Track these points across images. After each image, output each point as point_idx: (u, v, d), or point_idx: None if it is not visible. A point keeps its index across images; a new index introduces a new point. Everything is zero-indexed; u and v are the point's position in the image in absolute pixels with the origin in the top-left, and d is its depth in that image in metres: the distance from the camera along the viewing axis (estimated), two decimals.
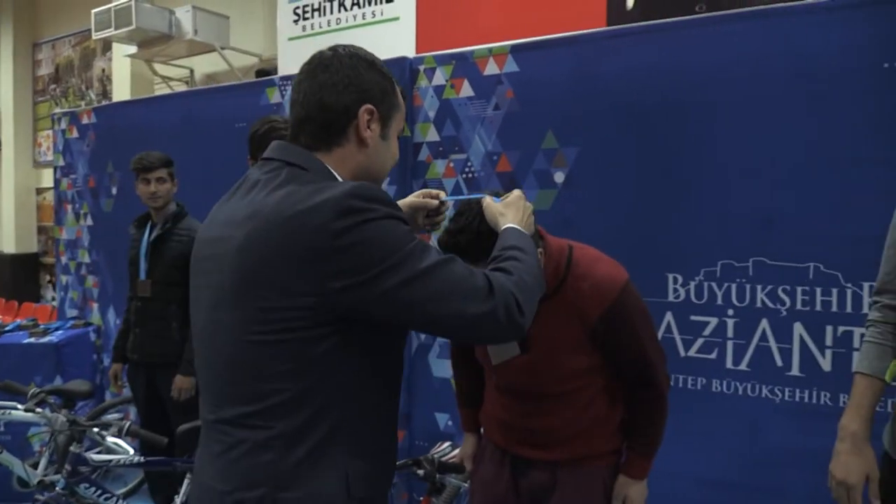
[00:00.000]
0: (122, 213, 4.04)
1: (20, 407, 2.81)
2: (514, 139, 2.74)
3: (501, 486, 1.73)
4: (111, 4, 5.59)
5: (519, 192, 1.44)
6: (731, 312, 2.32)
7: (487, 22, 4.00)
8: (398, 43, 4.30)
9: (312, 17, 4.90)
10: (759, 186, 2.25)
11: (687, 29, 2.41)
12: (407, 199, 1.51)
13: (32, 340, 4.02)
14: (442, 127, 2.91)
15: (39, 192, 8.01)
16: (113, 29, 5.54)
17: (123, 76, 6.64)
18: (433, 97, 2.92)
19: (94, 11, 5.71)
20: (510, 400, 1.70)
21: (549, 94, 2.64)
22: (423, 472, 2.09)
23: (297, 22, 4.97)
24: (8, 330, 4.28)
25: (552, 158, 2.65)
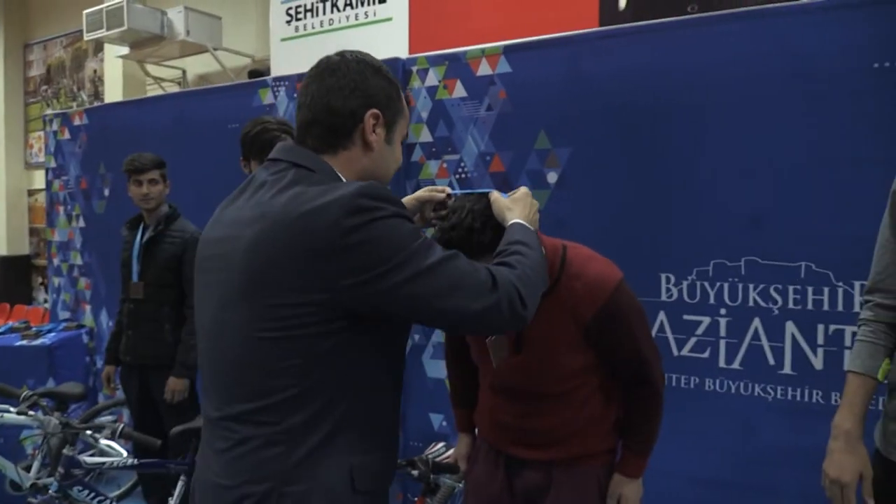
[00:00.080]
0: (114, 214, 4.02)
1: (12, 410, 2.80)
2: (506, 140, 2.74)
3: (496, 486, 1.73)
4: (103, 5, 5.58)
5: (526, 189, 1.49)
6: (723, 312, 2.33)
7: (480, 23, 4.00)
8: (391, 44, 4.31)
9: (305, 17, 4.90)
10: (751, 186, 2.26)
11: (680, 29, 2.41)
12: (416, 193, 1.56)
13: (24, 343, 4.00)
14: (435, 128, 2.91)
15: (31, 193, 7.98)
16: (105, 30, 5.53)
17: (115, 77, 6.62)
18: (426, 98, 2.92)
19: (85, 12, 5.69)
20: (504, 400, 1.70)
21: (541, 94, 2.64)
22: (417, 472, 2.10)
23: (289, 23, 4.96)
24: (0, 332, 4.26)
25: (545, 159, 2.65)
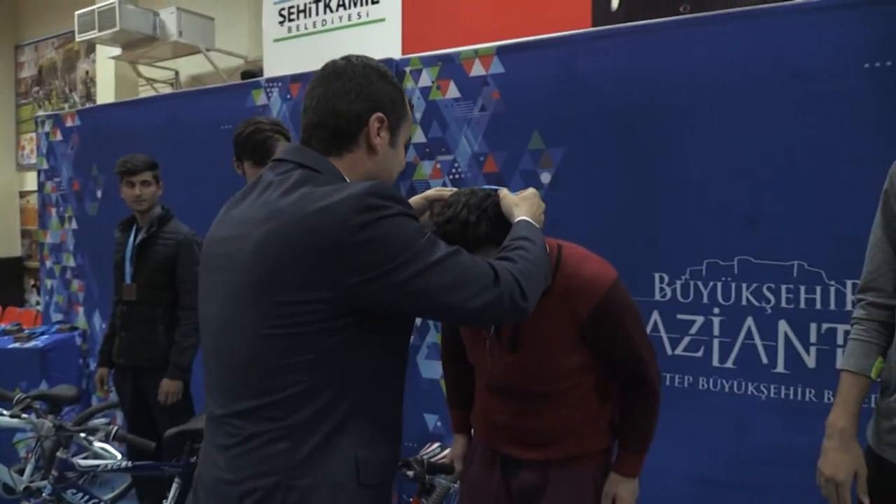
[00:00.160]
0: (107, 216, 4.01)
1: (5, 413, 2.78)
2: (500, 140, 2.74)
3: (492, 486, 1.74)
4: (95, 6, 5.56)
5: (534, 189, 1.52)
6: (716, 311, 2.34)
7: (473, 23, 4.01)
8: (384, 44, 4.31)
9: (298, 18, 4.89)
10: (743, 186, 2.27)
11: (672, 30, 2.42)
12: (425, 192, 1.59)
13: (17, 345, 3.98)
14: (428, 128, 2.92)
15: (23, 195, 7.95)
16: (97, 31, 5.51)
17: (107, 78, 6.60)
18: (419, 98, 2.92)
19: (77, 13, 5.67)
20: (500, 400, 1.70)
21: (535, 95, 2.65)
22: (412, 473, 2.10)
23: (282, 23, 4.95)
24: None
25: (538, 159, 2.66)
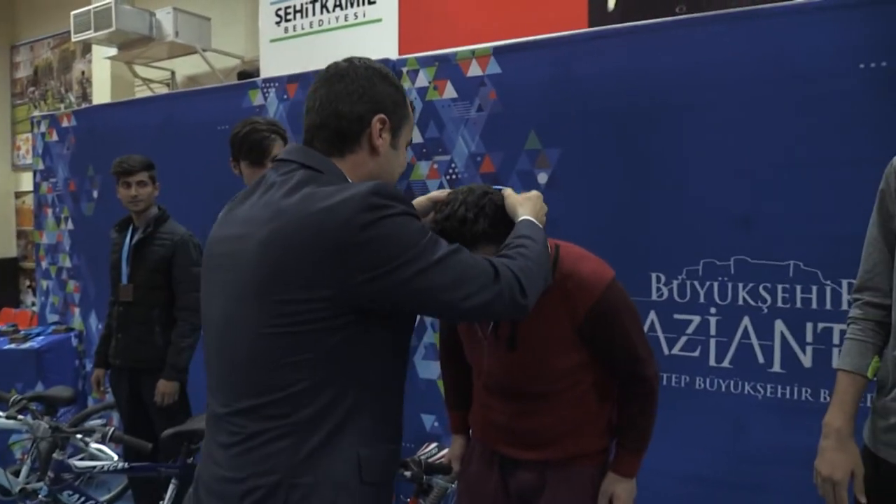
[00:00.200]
0: (103, 216, 4.00)
1: (1, 414, 2.78)
2: (497, 140, 2.75)
3: (490, 486, 1.74)
4: (91, 6, 5.54)
5: (538, 192, 1.53)
6: (713, 311, 2.34)
7: (470, 24, 4.01)
8: (381, 45, 4.30)
9: (294, 18, 4.88)
10: (739, 186, 2.28)
11: (669, 30, 2.42)
12: (430, 193, 1.62)
13: (13, 346, 3.97)
14: (425, 128, 2.92)
15: (18, 195, 7.91)
16: (93, 31, 5.49)
17: (103, 78, 6.57)
18: (416, 99, 2.92)
19: (73, 13, 5.65)
20: (499, 400, 1.70)
21: (531, 95, 2.65)
22: (410, 473, 2.10)
23: (279, 23, 4.95)
24: None
25: (535, 159, 2.66)
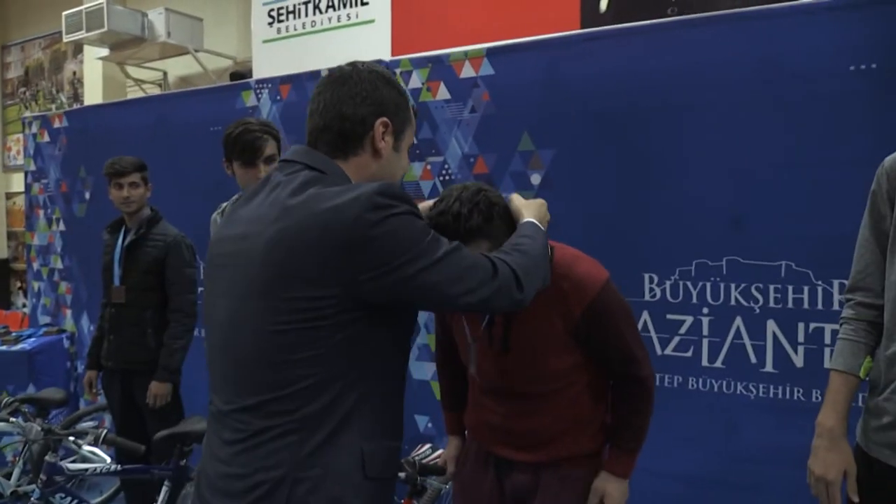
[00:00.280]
0: (95, 218, 3.98)
1: None
2: (490, 141, 2.75)
3: (485, 487, 1.74)
4: (82, 6, 5.52)
5: (543, 200, 1.56)
6: (706, 311, 2.35)
7: (463, 25, 4.01)
8: (373, 46, 4.30)
9: (287, 19, 4.88)
10: (732, 187, 2.29)
11: (661, 32, 2.43)
12: (431, 201, 1.63)
13: (4, 348, 3.95)
14: (419, 130, 2.91)
15: (9, 196, 7.87)
16: (84, 31, 5.47)
17: (95, 79, 6.55)
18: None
19: (64, 13, 5.63)
20: (494, 401, 1.70)
21: (524, 96, 2.66)
22: (404, 474, 2.10)
23: (271, 24, 4.94)
24: None
25: (528, 160, 2.66)
